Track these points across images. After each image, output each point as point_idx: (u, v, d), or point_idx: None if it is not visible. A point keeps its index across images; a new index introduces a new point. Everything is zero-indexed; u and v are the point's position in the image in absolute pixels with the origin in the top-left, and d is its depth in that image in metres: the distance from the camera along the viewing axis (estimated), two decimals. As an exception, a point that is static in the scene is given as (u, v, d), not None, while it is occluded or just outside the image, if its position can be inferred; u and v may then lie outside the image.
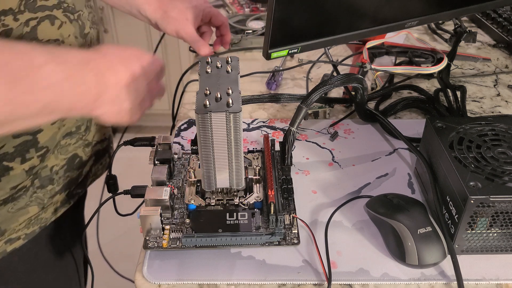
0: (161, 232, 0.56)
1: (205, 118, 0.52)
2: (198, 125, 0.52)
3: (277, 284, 0.54)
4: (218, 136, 0.53)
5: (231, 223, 0.57)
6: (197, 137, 0.54)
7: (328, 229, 0.59)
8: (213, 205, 0.60)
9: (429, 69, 0.85)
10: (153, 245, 0.56)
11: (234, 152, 0.55)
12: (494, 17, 1.06)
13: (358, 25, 0.65)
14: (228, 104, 0.52)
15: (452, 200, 0.55)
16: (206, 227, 0.57)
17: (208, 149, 0.54)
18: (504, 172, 0.55)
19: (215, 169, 0.56)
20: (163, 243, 0.56)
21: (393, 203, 0.59)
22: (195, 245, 0.55)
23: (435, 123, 0.62)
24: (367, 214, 0.61)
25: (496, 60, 0.98)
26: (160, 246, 0.56)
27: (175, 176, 0.65)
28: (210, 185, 0.58)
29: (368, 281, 0.53)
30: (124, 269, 1.00)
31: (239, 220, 0.57)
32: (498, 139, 0.60)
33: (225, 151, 0.55)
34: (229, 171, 0.57)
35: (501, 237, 0.55)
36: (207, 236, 0.55)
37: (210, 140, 0.54)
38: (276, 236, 0.55)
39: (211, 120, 0.52)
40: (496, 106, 0.84)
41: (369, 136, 0.76)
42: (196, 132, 0.54)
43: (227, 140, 0.54)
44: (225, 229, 0.56)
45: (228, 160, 0.56)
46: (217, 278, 0.54)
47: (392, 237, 0.56)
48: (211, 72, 0.57)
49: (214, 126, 0.52)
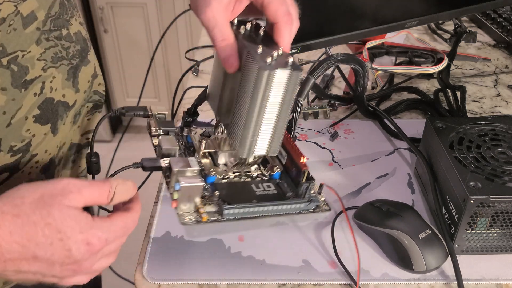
0: (194, 207, 0.51)
1: (270, 75, 0.46)
2: (260, 83, 0.46)
3: (277, 284, 0.54)
4: (274, 97, 0.48)
5: (261, 193, 0.54)
6: (241, 97, 0.48)
7: (328, 229, 0.59)
8: (232, 178, 0.56)
9: (429, 69, 0.85)
10: (191, 220, 0.50)
11: (282, 115, 0.49)
12: (494, 17, 1.06)
13: (358, 25, 0.66)
14: (287, 63, 0.47)
15: (452, 200, 0.55)
16: (239, 198, 0.53)
17: (260, 111, 0.48)
18: (504, 172, 0.55)
19: (259, 134, 0.50)
20: (203, 216, 0.50)
21: (383, 210, 0.57)
22: (236, 217, 0.52)
23: (435, 123, 0.62)
24: (358, 226, 0.60)
25: (496, 60, 0.98)
26: (199, 220, 0.50)
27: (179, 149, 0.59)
28: (249, 151, 0.51)
29: (368, 281, 0.53)
30: (124, 269, 1.00)
31: (266, 190, 0.55)
32: (498, 139, 0.60)
33: (275, 113, 0.49)
34: (271, 136, 0.51)
35: (501, 237, 0.55)
36: (246, 207, 0.52)
37: (266, 101, 0.47)
38: (312, 203, 0.54)
39: (273, 79, 0.46)
40: (496, 106, 0.84)
41: (369, 136, 0.76)
42: (247, 91, 0.47)
43: (281, 101, 0.48)
44: (259, 199, 0.53)
45: (274, 124, 0.50)
46: (217, 278, 0.54)
47: (393, 247, 0.55)
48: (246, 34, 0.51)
49: (274, 85, 0.47)
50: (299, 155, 0.56)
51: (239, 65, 0.48)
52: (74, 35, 0.57)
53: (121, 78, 2.26)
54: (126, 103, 2.24)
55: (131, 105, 0.60)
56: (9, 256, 0.39)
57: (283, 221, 0.60)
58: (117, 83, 2.26)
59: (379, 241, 0.57)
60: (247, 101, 0.48)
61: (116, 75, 2.25)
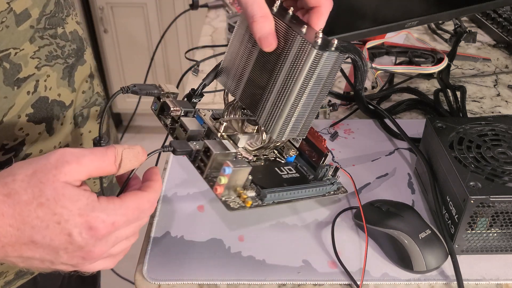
0: (236, 192, 0.48)
1: (322, 56, 0.44)
2: (310, 63, 0.45)
3: (277, 284, 0.54)
4: (319, 78, 0.46)
5: (287, 177, 0.53)
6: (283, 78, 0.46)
7: (328, 228, 0.59)
8: (254, 161, 0.54)
9: (429, 69, 0.85)
10: (235, 205, 0.48)
11: (320, 97, 0.48)
12: (494, 17, 1.06)
13: (358, 25, 0.66)
14: (333, 44, 0.45)
15: (452, 200, 0.55)
16: (272, 182, 0.51)
17: (305, 92, 0.46)
18: (504, 172, 0.55)
19: (297, 115, 0.48)
20: (247, 201, 0.48)
21: (383, 210, 0.58)
22: (274, 201, 0.49)
23: (435, 123, 0.62)
24: (357, 226, 0.60)
25: (496, 60, 0.98)
26: (243, 206, 0.48)
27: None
28: (283, 134, 0.49)
29: (368, 281, 0.53)
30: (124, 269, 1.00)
31: (290, 174, 0.54)
32: (498, 139, 0.60)
33: (316, 95, 0.48)
34: (306, 118, 0.49)
35: (501, 237, 0.55)
36: (284, 191, 0.50)
37: (311, 82, 0.46)
38: (335, 185, 0.54)
39: (324, 59, 0.45)
40: (496, 106, 0.84)
41: (369, 136, 0.76)
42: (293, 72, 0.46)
43: (323, 82, 0.47)
44: (288, 183, 0.52)
45: (312, 105, 0.49)
46: (217, 278, 0.54)
47: (393, 247, 0.55)
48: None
49: (324, 66, 0.45)
50: (320, 138, 0.55)
51: (277, 43, 0.46)
52: (70, 34, 0.57)
53: (121, 78, 2.26)
54: (126, 103, 2.24)
55: (131, 105, 0.59)
56: (6, 240, 0.35)
57: (283, 221, 0.60)
58: (117, 83, 2.26)
59: (379, 241, 0.57)
60: (291, 82, 0.46)
61: (116, 75, 2.25)
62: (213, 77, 0.53)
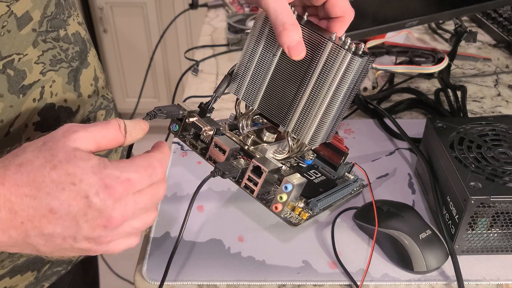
0: (290, 206, 0.48)
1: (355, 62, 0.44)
2: (343, 70, 0.45)
3: (277, 284, 0.53)
4: (350, 83, 0.46)
5: (317, 181, 0.53)
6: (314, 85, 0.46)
7: (328, 229, 0.59)
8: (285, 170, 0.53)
9: (429, 69, 0.85)
10: (295, 220, 0.47)
11: (348, 102, 0.48)
12: (495, 17, 1.06)
13: (358, 25, 0.65)
14: (361, 49, 0.45)
15: (453, 201, 0.55)
16: (311, 189, 0.51)
17: (338, 99, 0.46)
18: (504, 172, 0.54)
19: (330, 122, 0.48)
20: (304, 214, 0.48)
21: (384, 211, 0.57)
22: (321, 208, 0.50)
23: (436, 123, 0.62)
24: (358, 226, 0.60)
25: (496, 60, 0.98)
26: (301, 219, 0.48)
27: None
28: (316, 140, 0.48)
29: (368, 282, 0.53)
30: (124, 270, 1.00)
31: (318, 178, 0.54)
32: (499, 139, 0.60)
33: (345, 100, 0.47)
34: (332, 124, 0.49)
35: (502, 237, 0.54)
36: (328, 196, 0.51)
37: (344, 88, 0.46)
38: (358, 181, 0.55)
39: (356, 65, 0.45)
40: (497, 106, 0.84)
41: (369, 136, 0.76)
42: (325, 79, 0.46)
43: (353, 88, 0.47)
44: (321, 187, 0.52)
45: (341, 110, 0.48)
46: (217, 278, 0.54)
47: (393, 248, 0.55)
48: None
49: (354, 72, 0.45)
50: (338, 138, 0.56)
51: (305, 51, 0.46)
52: (72, 36, 0.55)
53: (121, 78, 2.26)
54: (126, 103, 2.24)
55: (130, 105, 0.58)
56: (25, 214, 0.34)
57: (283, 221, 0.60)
58: (117, 83, 2.27)
59: (379, 242, 0.57)
60: (323, 88, 0.46)
61: (115, 75, 2.25)
62: (224, 88, 0.51)
